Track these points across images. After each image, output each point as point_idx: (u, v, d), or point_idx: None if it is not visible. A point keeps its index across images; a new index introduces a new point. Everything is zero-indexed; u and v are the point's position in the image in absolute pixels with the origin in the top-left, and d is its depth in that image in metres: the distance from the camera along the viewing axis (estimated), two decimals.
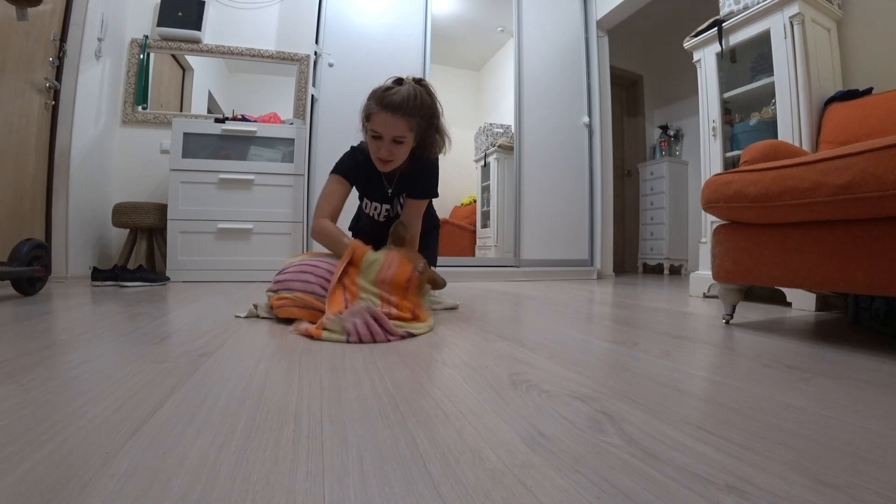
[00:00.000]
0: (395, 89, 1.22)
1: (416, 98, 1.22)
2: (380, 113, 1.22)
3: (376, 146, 1.27)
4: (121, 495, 0.35)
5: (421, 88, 1.25)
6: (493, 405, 0.57)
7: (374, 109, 1.23)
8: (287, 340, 0.95)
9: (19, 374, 0.65)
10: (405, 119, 1.22)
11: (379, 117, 1.22)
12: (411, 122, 1.24)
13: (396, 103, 1.20)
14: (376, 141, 1.26)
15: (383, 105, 1.21)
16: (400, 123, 1.22)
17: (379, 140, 1.25)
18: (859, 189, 0.88)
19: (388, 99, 1.21)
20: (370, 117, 1.24)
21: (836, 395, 0.65)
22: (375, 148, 1.27)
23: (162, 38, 2.88)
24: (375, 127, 1.23)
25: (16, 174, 2.07)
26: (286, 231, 2.57)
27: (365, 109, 1.27)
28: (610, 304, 1.79)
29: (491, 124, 3.88)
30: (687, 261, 4.07)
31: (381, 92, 1.23)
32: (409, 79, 1.26)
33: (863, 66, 1.85)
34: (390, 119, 1.21)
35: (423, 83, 1.28)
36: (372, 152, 1.30)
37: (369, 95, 1.26)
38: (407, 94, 1.21)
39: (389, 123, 1.22)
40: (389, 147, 1.25)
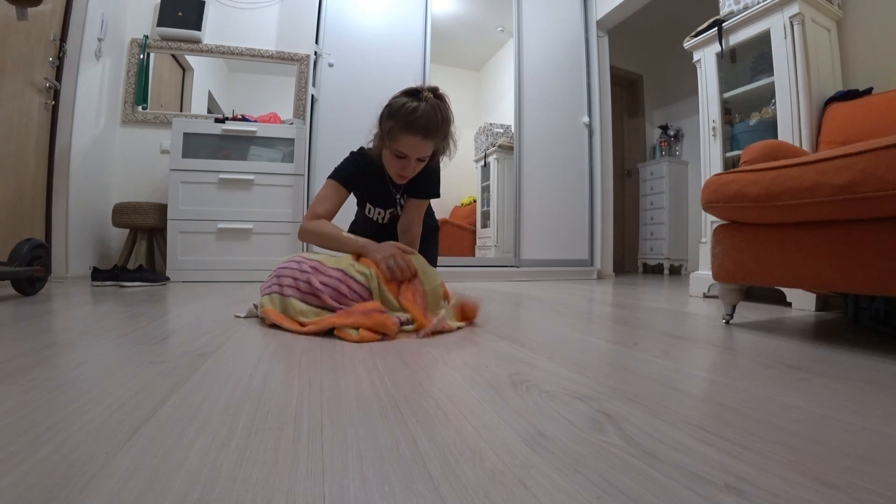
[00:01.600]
0: (419, 109, 1.17)
1: (439, 118, 1.20)
2: (408, 136, 1.18)
3: (400, 165, 1.24)
4: (121, 495, 0.35)
5: (440, 103, 1.22)
6: (493, 405, 0.57)
7: (399, 131, 1.19)
8: (287, 340, 0.95)
9: (19, 374, 0.65)
10: (431, 140, 1.22)
11: (407, 140, 1.19)
12: (436, 141, 1.24)
13: (424, 126, 1.18)
14: (400, 160, 1.23)
15: (412, 129, 1.18)
16: (427, 145, 1.22)
17: (404, 159, 1.23)
18: (859, 189, 0.88)
19: (416, 122, 1.17)
20: (394, 137, 1.20)
21: (836, 395, 0.65)
22: (399, 166, 1.25)
23: (162, 38, 2.88)
24: (401, 148, 1.21)
25: (16, 174, 2.07)
26: (286, 231, 2.57)
27: (386, 128, 1.21)
28: (610, 304, 1.79)
29: (491, 124, 3.88)
30: (687, 261, 4.07)
31: (406, 113, 1.18)
32: (426, 92, 1.21)
33: (863, 66, 1.85)
34: (420, 142, 1.19)
35: (440, 95, 1.24)
36: (394, 170, 1.27)
37: (390, 112, 1.21)
38: (432, 116, 1.19)
39: (418, 146, 1.20)
40: (414, 166, 1.24)
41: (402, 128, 1.18)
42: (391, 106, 1.22)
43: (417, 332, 1.03)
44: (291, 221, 2.58)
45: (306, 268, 1.12)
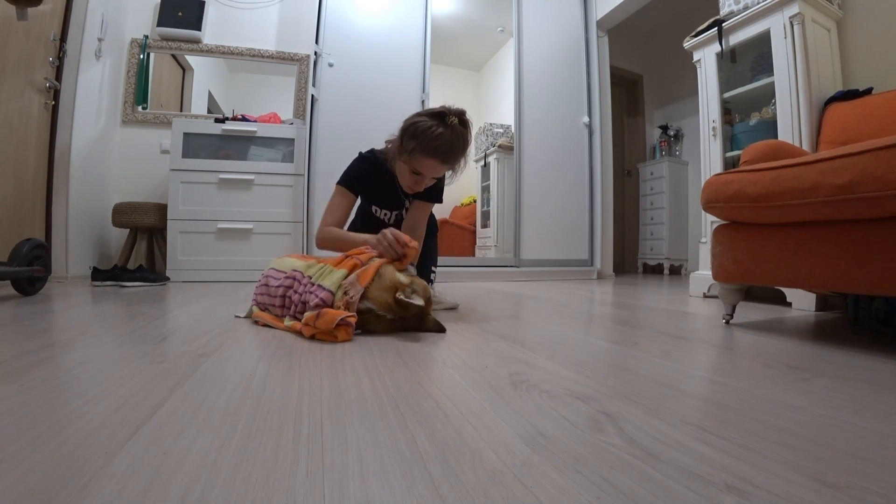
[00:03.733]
0: (443, 136, 1.20)
1: (460, 145, 1.24)
2: (428, 160, 1.22)
3: (415, 180, 1.29)
4: (121, 495, 0.35)
5: (464, 130, 1.24)
6: (493, 405, 0.57)
7: (421, 153, 1.22)
8: (287, 341, 0.95)
9: (19, 374, 0.65)
10: (448, 166, 1.27)
11: (427, 163, 1.23)
12: (456, 165, 1.29)
13: (446, 153, 1.22)
14: (415, 176, 1.28)
15: (434, 154, 1.21)
16: (445, 168, 1.27)
17: (419, 176, 1.27)
18: (859, 189, 0.88)
19: (440, 149, 1.21)
20: (414, 157, 1.23)
21: (836, 395, 0.65)
22: (413, 181, 1.29)
23: (162, 38, 2.88)
24: (420, 169, 1.25)
25: (16, 174, 2.07)
26: (286, 231, 2.57)
27: (409, 147, 1.23)
28: (610, 304, 1.79)
29: (491, 124, 3.88)
30: (687, 261, 4.07)
31: (431, 138, 1.20)
32: (451, 117, 1.22)
33: (863, 66, 1.85)
34: (439, 166, 1.24)
35: (465, 121, 1.25)
36: (406, 182, 1.31)
37: (414, 132, 1.22)
38: (455, 143, 1.22)
39: (436, 169, 1.25)
40: (428, 183, 1.30)
41: (423, 150, 1.21)
42: (416, 126, 1.23)
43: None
44: (291, 221, 2.58)
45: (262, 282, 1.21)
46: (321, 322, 0.95)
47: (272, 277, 1.19)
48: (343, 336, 0.96)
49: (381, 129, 1.73)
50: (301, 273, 1.15)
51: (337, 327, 0.95)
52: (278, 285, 1.16)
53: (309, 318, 0.98)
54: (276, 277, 1.18)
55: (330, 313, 0.96)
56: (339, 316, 0.95)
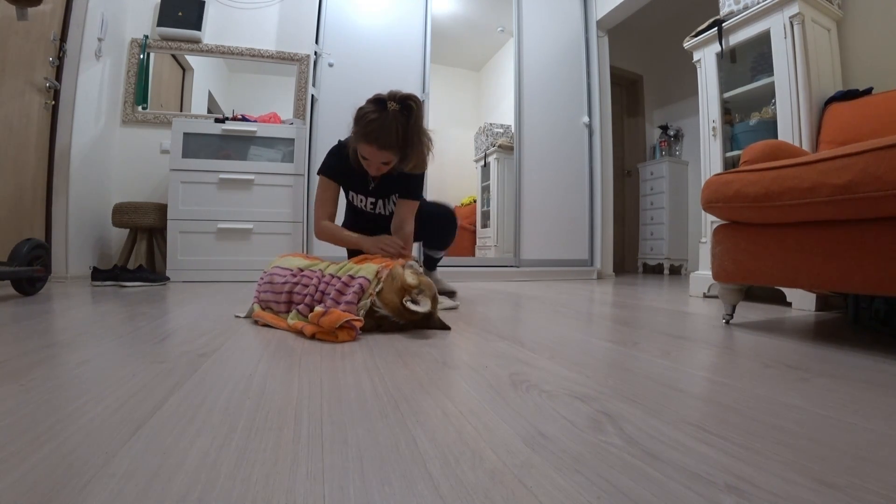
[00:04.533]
0: (376, 121, 1.25)
1: (395, 131, 1.26)
2: (364, 145, 1.30)
3: (366, 164, 1.36)
4: (121, 495, 0.35)
5: (401, 116, 1.27)
6: (493, 405, 0.57)
7: (357, 138, 1.31)
8: (287, 340, 0.95)
9: (19, 374, 0.65)
10: (388, 150, 1.30)
11: (364, 148, 1.30)
12: (394, 150, 1.31)
13: (377, 138, 1.27)
14: (366, 160, 1.35)
15: (367, 139, 1.28)
16: (383, 154, 1.30)
17: (367, 160, 1.34)
18: (859, 189, 0.88)
19: (371, 134, 1.26)
20: (357, 141, 1.32)
21: (836, 395, 0.65)
22: (366, 165, 1.36)
23: (162, 38, 2.88)
24: (361, 153, 1.33)
25: (16, 174, 2.07)
26: (286, 231, 2.57)
27: (353, 132, 1.33)
28: (610, 304, 1.79)
29: (491, 124, 3.88)
30: (687, 261, 4.07)
31: (364, 123, 1.27)
32: (392, 103, 1.26)
33: (863, 66, 1.85)
34: (375, 151, 1.30)
35: (408, 105, 1.28)
36: (363, 166, 1.38)
37: (355, 118, 1.31)
38: (389, 128, 1.25)
39: (374, 154, 1.30)
40: (378, 166, 1.35)
41: (359, 136, 1.29)
42: (358, 112, 1.31)
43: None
44: (291, 221, 2.58)
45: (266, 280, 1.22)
46: (325, 320, 0.96)
47: (277, 275, 1.20)
48: (344, 337, 0.96)
49: None
50: (311, 270, 1.16)
51: (340, 328, 0.95)
52: (284, 282, 1.16)
53: (315, 314, 0.98)
54: (282, 275, 1.19)
55: (336, 313, 0.97)
56: (344, 318, 0.96)
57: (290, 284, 1.15)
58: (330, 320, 0.95)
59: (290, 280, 1.16)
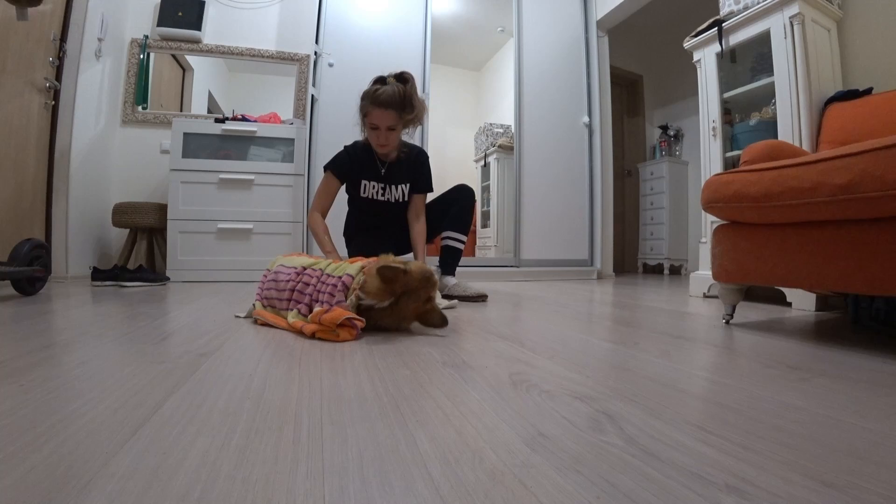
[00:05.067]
0: (382, 89, 1.53)
1: (400, 93, 1.53)
2: (374, 109, 1.54)
3: (375, 135, 1.59)
4: (121, 495, 0.35)
5: (400, 84, 1.54)
6: (493, 405, 0.57)
7: (368, 106, 1.55)
8: (287, 340, 0.95)
9: (19, 375, 0.65)
10: (394, 112, 1.54)
11: (374, 112, 1.54)
12: (399, 112, 1.55)
13: (386, 101, 1.52)
14: (374, 131, 1.58)
15: (377, 103, 1.53)
16: (391, 115, 1.54)
17: (376, 130, 1.57)
18: (859, 189, 0.88)
19: (379, 98, 1.52)
20: (366, 112, 1.57)
21: (836, 395, 0.65)
22: (374, 137, 1.60)
23: (162, 38, 2.88)
24: (373, 120, 1.56)
25: (16, 174, 2.07)
26: (286, 231, 2.57)
27: (361, 109, 1.59)
28: (610, 304, 1.79)
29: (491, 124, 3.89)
30: (687, 261, 4.07)
31: (372, 92, 1.55)
32: (390, 78, 1.57)
33: (863, 66, 1.85)
34: (384, 113, 1.54)
35: (404, 78, 1.56)
36: (373, 141, 1.62)
37: (362, 96, 1.58)
38: (394, 92, 1.52)
39: (384, 116, 1.54)
40: (386, 134, 1.58)
41: (370, 103, 1.54)
42: (364, 91, 1.58)
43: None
44: (291, 221, 2.58)
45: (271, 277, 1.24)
46: (327, 317, 0.96)
47: (282, 273, 1.21)
48: (345, 336, 0.96)
49: None
50: (312, 269, 1.17)
51: (341, 325, 0.95)
52: (287, 279, 1.18)
53: (316, 313, 0.99)
54: (286, 273, 1.20)
55: (337, 310, 0.97)
56: (345, 314, 0.96)
57: (293, 283, 1.16)
58: (332, 317, 0.96)
59: (293, 279, 1.17)
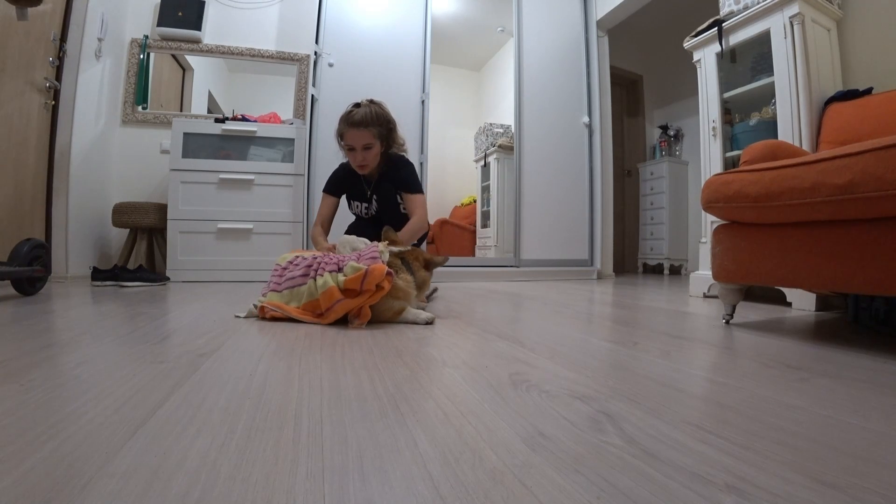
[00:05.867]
0: (355, 111, 1.61)
1: (372, 114, 1.60)
2: (348, 130, 1.60)
3: (352, 156, 1.65)
4: (121, 495, 0.35)
5: (375, 106, 1.64)
6: (493, 405, 0.57)
7: (344, 129, 1.61)
8: (287, 341, 0.95)
9: (19, 374, 0.65)
10: (367, 130, 1.59)
11: (348, 133, 1.61)
12: (373, 130, 1.60)
13: (358, 121, 1.59)
14: (352, 152, 1.64)
15: (349, 123, 1.60)
16: (364, 134, 1.60)
17: (353, 151, 1.63)
18: (859, 189, 0.88)
19: (351, 119, 1.59)
20: (342, 134, 1.63)
21: (836, 395, 0.65)
22: (352, 157, 1.66)
23: (162, 38, 2.88)
24: (348, 141, 1.62)
25: (16, 174, 2.07)
26: (286, 231, 2.57)
27: (338, 132, 1.65)
28: (610, 304, 1.79)
29: (491, 124, 3.88)
30: (687, 261, 4.07)
31: (346, 115, 1.62)
32: (365, 101, 1.65)
33: (863, 66, 1.85)
34: (356, 132, 1.59)
35: (375, 102, 1.67)
36: (352, 162, 1.68)
37: (339, 120, 1.64)
38: (365, 112, 1.60)
39: (356, 136, 1.60)
40: (362, 154, 1.63)
41: (344, 125, 1.61)
42: (341, 116, 1.64)
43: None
44: (291, 221, 2.58)
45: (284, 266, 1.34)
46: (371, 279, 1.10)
47: (300, 258, 1.30)
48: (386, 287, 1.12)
49: None
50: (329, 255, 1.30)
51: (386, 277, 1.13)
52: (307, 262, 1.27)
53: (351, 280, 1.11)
54: (305, 257, 1.30)
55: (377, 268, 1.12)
56: (385, 269, 1.13)
57: (310, 260, 1.27)
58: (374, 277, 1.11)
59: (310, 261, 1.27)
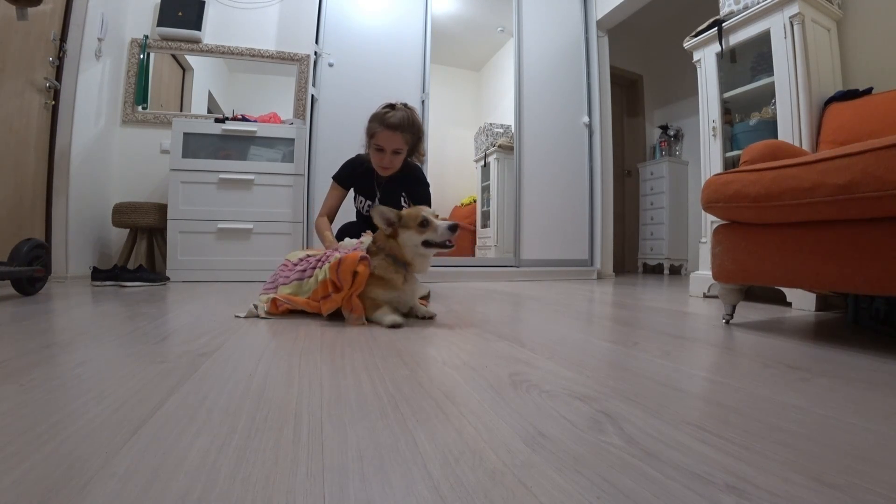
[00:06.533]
0: (392, 112, 1.56)
1: (409, 118, 1.58)
2: (383, 131, 1.56)
3: (379, 157, 1.61)
4: (121, 495, 0.35)
5: (410, 112, 1.60)
6: (493, 405, 0.57)
7: (377, 129, 1.56)
8: (287, 340, 0.95)
9: (19, 374, 0.65)
10: (402, 135, 1.57)
11: (382, 134, 1.56)
12: (406, 136, 1.59)
13: (395, 124, 1.55)
14: (379, 153, 1.60)
15: (385, 125, 1.55)
16: (398, 138, 1.57)
17: (381, 152, 1.60)
18: (859, 189, 0.88)
19: (388, 120, 1.55)
20: (374, 135, 1.58)
21: (836, 395, 0.65)
22: (379, 158, 1.61)
23: (162, 38, 2.88)
24: (379, 142, 1.58)
25: (16, 174, 2.07)
26: (286, 231, 2.57)
27: (369, 130, 1.60)
28: (610, 304, 1.79)
29: (491, 124, 3.88)
30: (687, 261, 4.07)
31: (382, 114, 1.57)
32: (398, 104, 1.61)
33: (863, 66, 1.85)
34: (392, 135, 1.56)
35: (410, 107, 1.63)
36: (375, 162, 1.64)
37: (371, 118, 1.60)
38: (404, 116, 1.56)
39: (391, 139, 1.57)
40: (391, 157, 1.61)
41: (378, 124, 1.56)
42: (373, 113, 1.61)
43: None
44: (291, 221, 2.58)
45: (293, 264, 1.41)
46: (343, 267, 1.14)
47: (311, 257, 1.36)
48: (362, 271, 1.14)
49: None
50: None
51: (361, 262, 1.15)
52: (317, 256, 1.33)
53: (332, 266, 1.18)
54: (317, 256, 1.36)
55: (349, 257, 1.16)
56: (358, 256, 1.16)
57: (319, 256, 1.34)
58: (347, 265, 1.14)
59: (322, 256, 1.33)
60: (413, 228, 1.18)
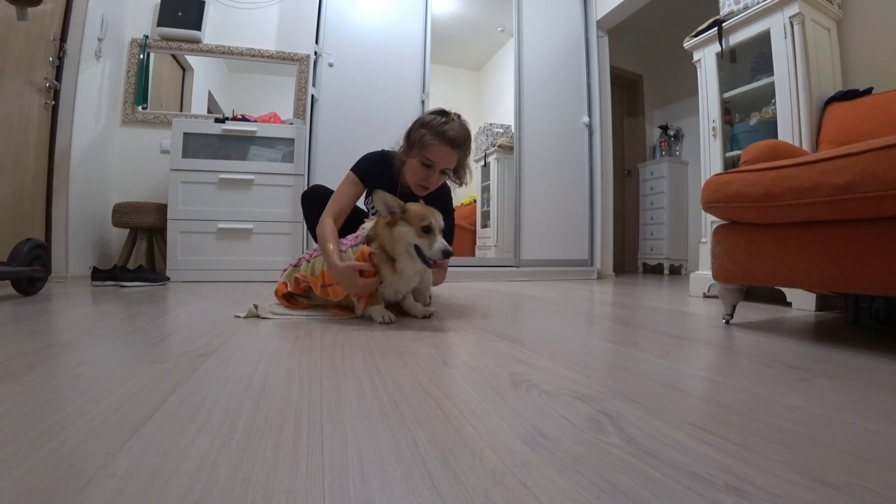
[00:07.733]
0: (450, 123, 1.29)
1: (466, 134, 1.32)
2: (440, 145, 1.27)
3: (425, 174, 1.32)
4: (121, 495, 0.35)
5: (465, 124, 1.34)
6: (493, 405, 0.57)
7: (431, 141, 1.27)
8: (287, 340, 0.95)
9: (19, 374, 0.65)
10: (458, 153, 1.31)
11: (438, 149, 1.28)
12: (460, 154, 1.33)
13: (453, 138, 1.28)
14: (426, 169, 1.31)
15: (444, 138, 1.27)
16: (454, 156, 1.31)
17: (429, 168, 1.31)
18: (859, 189, 0.88)
19: (448, 134, 1.27)
20: (425, 144, 1.28)
21: (836, 395, 0.65)
22: (424, 175, 1.32)
23: (162, 37, 2.88)
24: (431, 156, 1.29)
25: (16, 174, 2.07)
26: (286, 231, 2.57)
27: (419, 139, 1.29)
28: (610, 304, 1.79)
29: (491, 124, 3.88)
30: (687, 261, 4.07)
31: (439, 124, 1.28)
32: (453, 114, 1.33)
33: (863, 66, 1.85)
34: (448, 152, 1.28)
35: (463, 119, 1.35)
36: (416, 178, 1.34)
37: (422, 124, 1.31)
38: (461, 131, 1.30)
39: (447, 155, 1.29)
40: (438, 177, 1.33)
41: (434, 136, 1.27)
42: (423, 120, 1.32)
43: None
44: (291, 221, 2.58)
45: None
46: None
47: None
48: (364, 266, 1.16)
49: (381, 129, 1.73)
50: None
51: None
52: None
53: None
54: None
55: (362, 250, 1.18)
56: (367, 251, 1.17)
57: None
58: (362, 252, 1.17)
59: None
60: (414, 227, 1.13)
